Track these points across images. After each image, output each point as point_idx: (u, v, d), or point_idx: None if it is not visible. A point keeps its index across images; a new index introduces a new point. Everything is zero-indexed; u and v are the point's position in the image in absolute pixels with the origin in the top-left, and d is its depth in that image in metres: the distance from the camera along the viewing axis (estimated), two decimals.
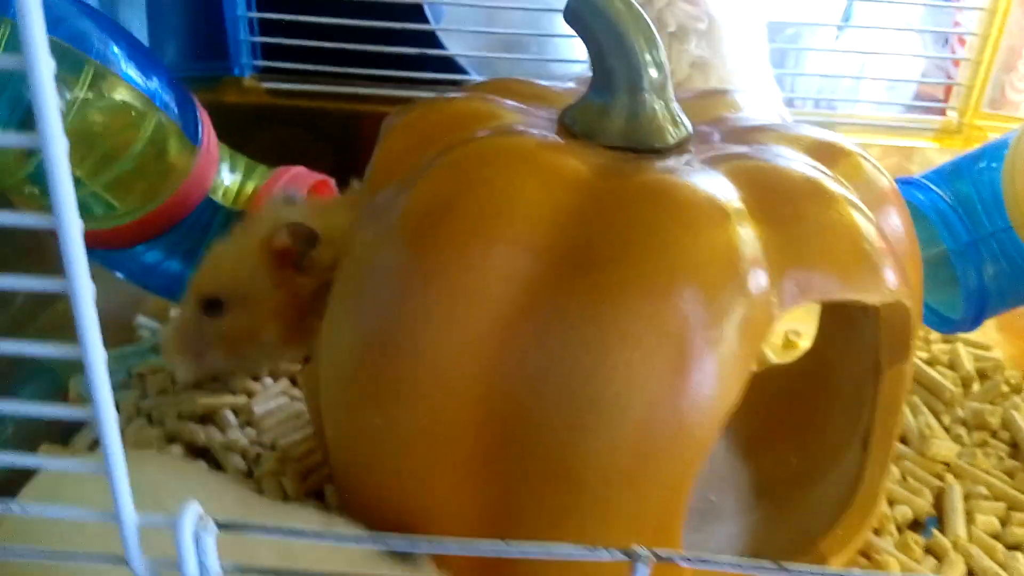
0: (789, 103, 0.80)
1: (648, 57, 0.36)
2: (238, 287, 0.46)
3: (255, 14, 0.69)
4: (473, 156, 0.34)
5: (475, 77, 0.71)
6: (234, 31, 0.69)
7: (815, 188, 0.33)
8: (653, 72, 0.36)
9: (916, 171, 0.63)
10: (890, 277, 0.33)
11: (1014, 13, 0.69)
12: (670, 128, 0.37)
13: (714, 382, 0.30)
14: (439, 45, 0.70)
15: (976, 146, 0.53)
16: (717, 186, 0.32)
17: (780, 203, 0.32)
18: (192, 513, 0.25)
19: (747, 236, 0.31)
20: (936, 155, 0.68)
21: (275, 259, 0.45)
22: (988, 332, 0.62)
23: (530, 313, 0.31)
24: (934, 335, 0.61)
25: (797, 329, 0.61)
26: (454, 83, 0.68)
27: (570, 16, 0.36)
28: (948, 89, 0.72)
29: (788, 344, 0.62)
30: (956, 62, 0.79)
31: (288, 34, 0.68)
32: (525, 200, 0.32)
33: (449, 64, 0.70)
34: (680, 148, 0.37)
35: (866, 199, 0.36)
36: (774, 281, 0.31)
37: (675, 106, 0.37)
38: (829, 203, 0.33)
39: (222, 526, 0.25)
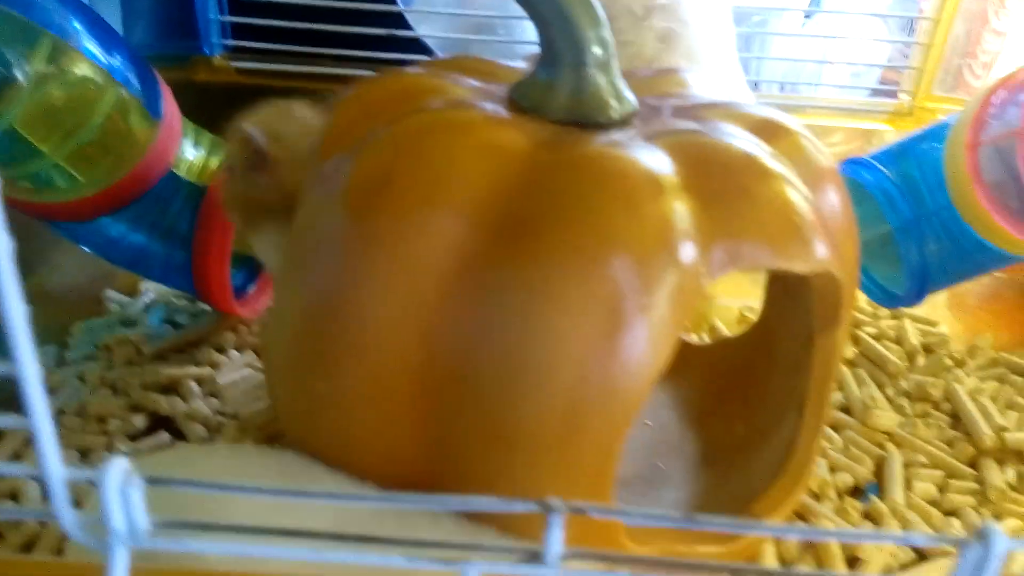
0: (754, 87, 0.81)
1: (592, 34, 0.37)
2: (230, 160, 0.48)
3: None
4: (416, 128, 0.35)
5: (442, 58, 0.72)
6: (204, 11, 0.69)
7: (749, 163, 0.34)
8: (596, 49, 0.37)
9: None
10: (819, 248, 0.34)
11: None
12: (614, 103, 0.38)
13: (643, 347, 0.31)
14: (408, 27, 0.71)
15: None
16: (653, 160, 0.33)
17: (714, 177, 0.33)
18: (117, 467, 0.26)
19: (679, 208, 0.32)
20: (894, 137, 0.69)
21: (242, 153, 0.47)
22: (937, 308, 0.64)
23: (467, 280, 0.32)
24: (884, 311, 0.63)
25: (752, 306, 0.63)
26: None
27: None
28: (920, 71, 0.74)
29: (742, 320, 0.63)
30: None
31: (258, 14, 0.69)
32: (464, 171, 0.33)
33: (417, 45, 0.71)
34: (624, 123, 0.38)
35: (804, 175, 0.37)
36: (704, 251, 0.32)
37: (620, 82, 0.39)
38: (761, 177, 0.34)
39: (149, 480, 0.26)
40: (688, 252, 0.32)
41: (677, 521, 0.25)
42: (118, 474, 0.25)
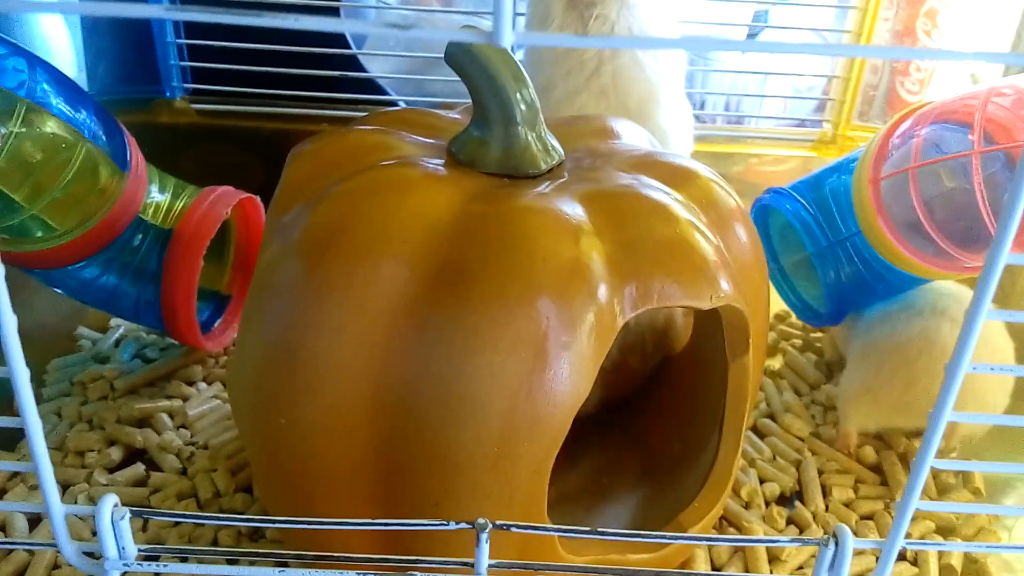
0: (697, 119, 0.86)
1: (518, 95, 0.41)
2: None
3: (184, 40, 0.72)
4: (364, 186, 0.39)
5: (393, 96, 0.75)
6: (164, 56, 0.72)
7: (658, 210, 0.39)
8: (523, 108, 0.41)
9: None
10: (724, 285, 0.38)
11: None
12: (542, 156, 0.42)
13: (566, 379, 0.35)
14: (360, 67, 0.75)
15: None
16: (571, 209, 0.37)
17: (626, 224, 0.38)
18: (109, 503, 0.29)
19: (595, 254, 0.36)
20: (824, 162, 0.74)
21: None
22: None
23: (410, 322, 0.36)
24: None
25: None
26: (374, 102, 0.73)
27: (449, 60, 0.41)
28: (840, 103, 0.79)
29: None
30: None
31: (217, 59, 0.72)
32: (406, 225, 0.37)
33: (370, 84, 0.75)
34: (553, 173, 0.42)
35: (712, 218, 0.42)
36: (618, 291, 0.36)
37: (547, 136, 0.43)
38: (668, 222, 0.38)
39: (135, 513, 0.30)
40: (603, 293, 0.36)
41: (582, 532, 0.30)
42: (110, 509, 0.29)
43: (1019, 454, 0.54)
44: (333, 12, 0.73)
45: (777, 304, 0.62)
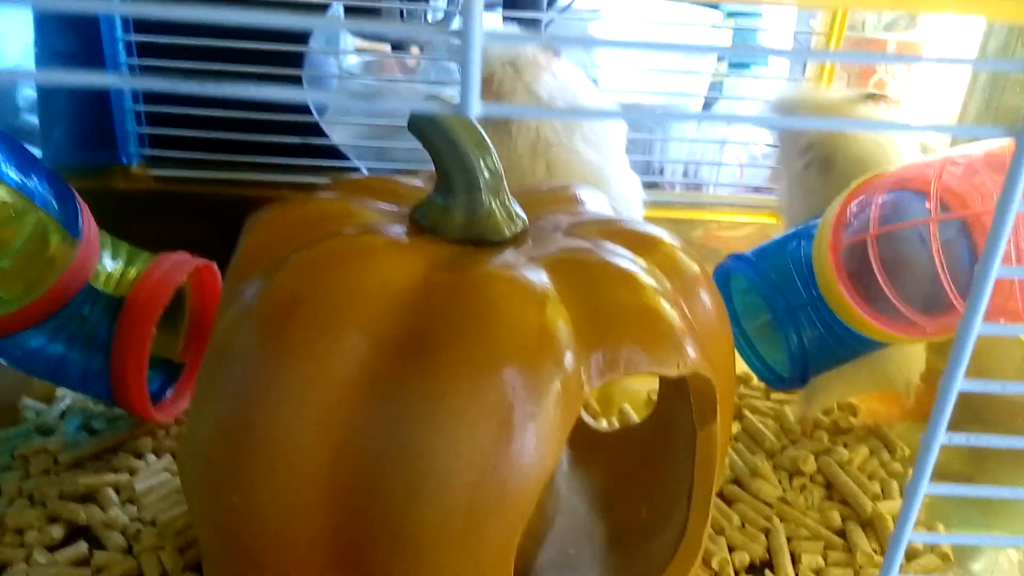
0: (656, 185, 0.87)
1: (481, 163, 0.41)
2: None
3: (142, 107, 0.72)
4: (325, 253, 0.38)
5: (355, 162, 0.75)
6: (121, 123, 0.71)
7: (623, 277, 0.38)
8: (487, 175, 0.41)
9: None
10: (689, 352, 0.38)
11: None
12: (505, 223, 0.42)
13: (533, 451, 0.34)
14: (322, 134, 0.74)
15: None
16: (536, 277, 0.37)
17: (592, 290, 0.37)
18: None
19: (560, 323, 0.35)
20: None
21: None
22: None
23: (371, 394, 0.34)
24: None
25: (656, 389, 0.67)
26: (335, 169, 0.73)
27: (412, 128, 0.41)
28: None
29: (649, 403, 0.67)
30: None
31: (175, 125, 0.72)
32: (368, 294, 0.36)
33: (332, 151, 0.75)
34: (517, 240, 0.42)
35: (677, 284, 0.41)
36: (584, 359, 0.35)
37: (511, 203, 0.42)
38: (634, 290, 0.38)
39: None
40: (570, 361, 0.35)
41: None
42: None
43: (987, 518, 0.54)
44: (296, 82, 0.73)
45: (738, 367, 0.62)
